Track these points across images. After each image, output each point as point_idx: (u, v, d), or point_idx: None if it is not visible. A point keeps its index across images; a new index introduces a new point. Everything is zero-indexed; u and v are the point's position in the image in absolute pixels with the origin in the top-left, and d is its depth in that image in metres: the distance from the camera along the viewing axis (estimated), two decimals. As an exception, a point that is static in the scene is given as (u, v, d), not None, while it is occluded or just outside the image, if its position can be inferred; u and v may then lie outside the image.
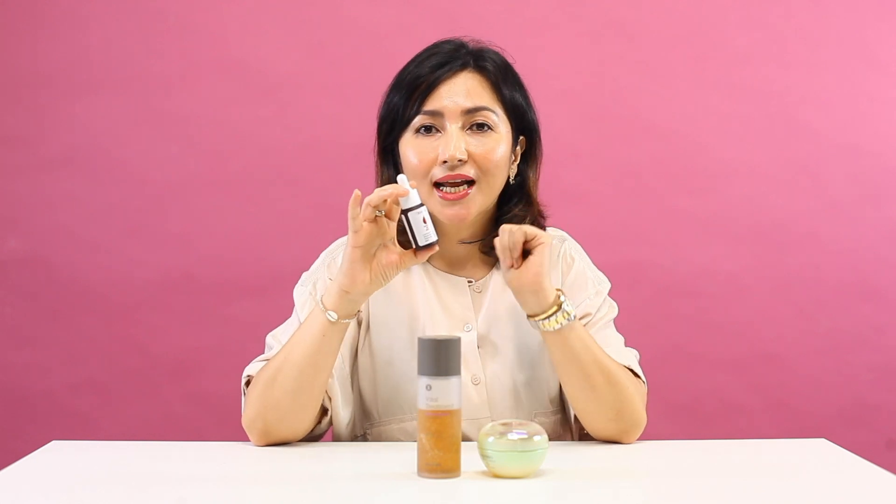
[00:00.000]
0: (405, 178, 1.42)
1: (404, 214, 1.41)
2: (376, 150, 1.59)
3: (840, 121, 2.80)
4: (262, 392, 1.45)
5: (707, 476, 1.35)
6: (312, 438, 1.54)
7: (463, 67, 1.53)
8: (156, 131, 2.74)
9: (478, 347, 1.57)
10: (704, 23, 2.81)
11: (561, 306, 1.44)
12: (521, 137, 1.59)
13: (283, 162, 2.75)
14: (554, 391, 1.60)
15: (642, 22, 2.80)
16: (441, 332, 1.55)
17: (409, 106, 1.52)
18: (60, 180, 2.73)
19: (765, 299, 2.79)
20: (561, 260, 1.61)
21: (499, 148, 1.52)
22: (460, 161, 1.49)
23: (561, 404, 1.61)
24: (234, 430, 1.53)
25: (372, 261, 1.42)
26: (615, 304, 1.62)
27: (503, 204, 1.58)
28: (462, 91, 1.52)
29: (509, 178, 1.56)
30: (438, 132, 1.51)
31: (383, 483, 1.29)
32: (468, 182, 1.50)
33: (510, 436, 1.27)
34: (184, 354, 2.73)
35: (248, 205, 2.75)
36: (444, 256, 1.59)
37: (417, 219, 1.41)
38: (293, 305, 1.58)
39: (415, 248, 1.43)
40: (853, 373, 2.79)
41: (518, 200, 1.58)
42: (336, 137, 2.71)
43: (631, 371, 1.53)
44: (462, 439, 1.30)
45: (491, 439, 1.28)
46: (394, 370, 1.56)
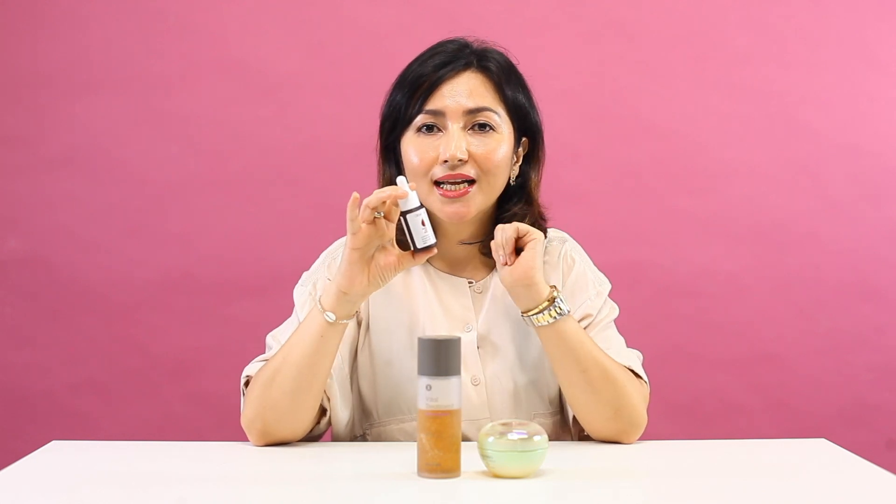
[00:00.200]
0: (404, 180, 1.42)
1: (403, 216, 1.41)
2: (378, 149, 1.58)
3: (840, 121, 2.80)
4: (261, 392, 1.45)
5: (707, 476, 1.35)
6: (312, 438, 1.54)
7: (466, 67, 1.53)
8: (156, 131, 2.74)
9: (478, 348, 1.56)
10: (704, 23, 2.81)
11: (553, 301, 1.44)
12: (524, 139, 1.59)
13: (283, 162, 2.75)
14: (554, 392, 1.60)
15: (642, 22, 2.80)
16: (441, 333, 1.55)
17: (412, 105, 1.52)
18: (60, 180, 2.73)
19: (765, 299, 2.79)
20: (561, 261, 1.61)
21: (500, 149, 1.51)
22: (461, 161, 1.48)
23: (560, 406, 1.61)
24: (234, 430, 1.53)
25: (370, 262, 1.42)
26: (616, 305, 1.62)
27: (504, 205, 1.58)
28: (464, 91, 1.51)
29: (510, 180, 1.56)
30: (440, 131, 1.51)
31: (383, 483, 1.29)
32: (469, 181, 1.50)
33: (510, 436, 1.27)
34: (184, 354, 2.73)
35: (248, 205, 2.75)
36: (445, 257, 1.58)
37: (416, 221, 1.41)
38: (293, 305, 1.57)
39: (413, 250, 1.43)
40: (853, 373, 2.79)
41: (518, 201, 1.57)
42: (336, 137, 2.71)
43: (633, 372, 1.53)
44: (462, 440, 1.30)
45: (491, 439, 1.28)
46: (394, 370, 1.56)
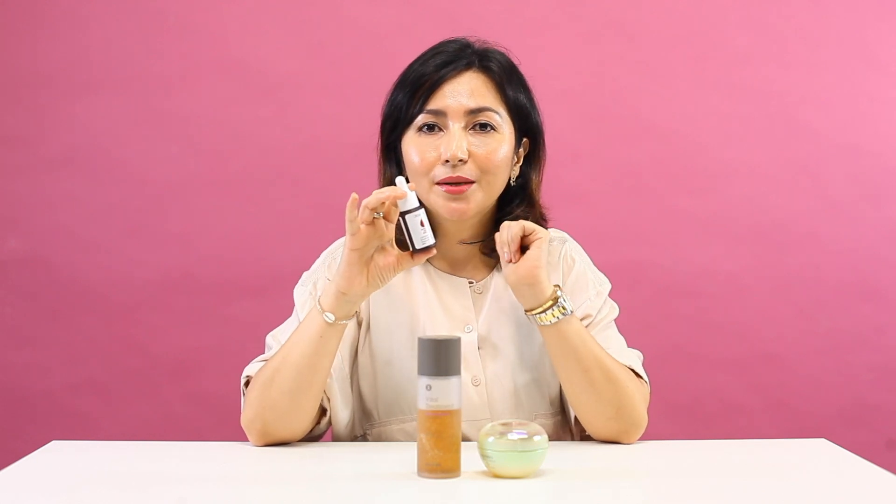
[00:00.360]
0: (403, 181, 1.42)
1: (402, 217, 1.41)
2: (379, 148, 1.58)
3: (840, 121, 2.80)
4: (261, 393, 1.45)
5: (707, 476, 1.35)
6: (312, 439, 1.54)
7: (468, 67, 1.53)
8: (156, 131, 2.74)
9: (478, 348, 1.56)
10: (704, 23, 2.81)
11: (557, 300, 1.44)
12: (525, 140, 1.58)
13: (283, 162, 2.75)
14: (554, 393, 1.59)
15: (642, 22, 2.80)
16: (441, 333, 1.55)
17: (413, 104, 1.52)
18: (60, 180, 2.73)
19: (765, 299, 2.79)
20: (562, 261, 1.60)
21: (501, 149, 1.51)
22: (461, 161, 1.48)
23: (561, 406, 1.60)
24: (234, 430, 1.53)
25: (369, 263, 1.42)
26: (616, 305, 1.61)
27: (504, 205, 1.58)
28: (466, 91, 1.51)
29: (510, 180, 1.56)
30: (441, 131, 1.51)
31: (383, 483, 1.29)
32: (469, 183, 1.49)
33: (510, 436, 1.27)
34: (184, 354, 2.73)
35: (248, 205, 2.74)
36: (445, 257, 1.58)
37: (415, 221, 1.41)
38: (293, 305, 1.57)
39: (412, 251, 1.43)
40: (853, 373, 2.79)
41: (520, 202, 1.57)
42: (336, 137, 2.71)
43: (633, 372, 1.53)
44: (462, 440, 1.30)
45: (491, 439, 1.27)
46: (394, 371, 1.56)
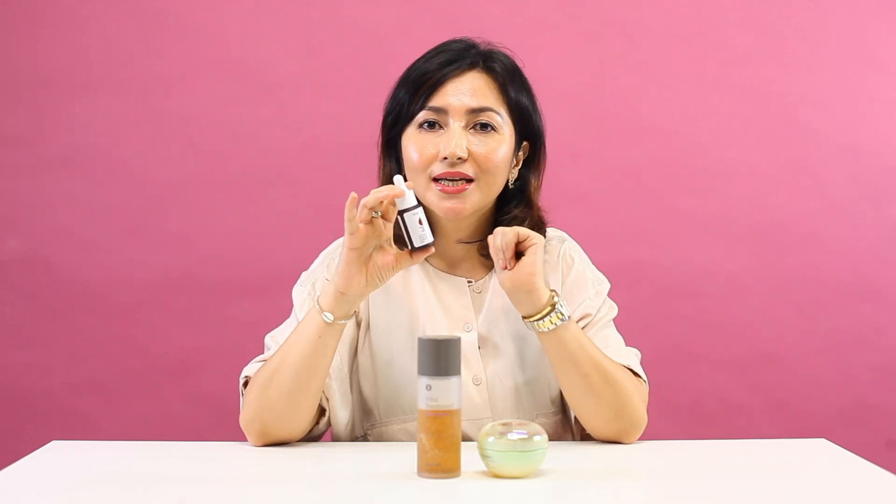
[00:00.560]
0: (401, 179, 1.42)
1: (400, 215, 1.41)
2: (380, 144, 1.58)
3: (840, 121, 2.80)
4: (259, 393, 1.45)
5: (707, 476, 1.35)
6: (311, 439, 1.54)
7: (471, 67, 1.53)
8: (156, 131, 2.74)
9: (479, 348, 1.56)
10: (704, 23, 2.81)
11: (555, 307, 1.44)
12: (525, 143, 1.58)
13: (283, 162, 2.75)
14: (555, 392, 1.59)
15: (642, 22, 2.80)
16: (441, 333, 1.55)
17: (415, 101, 1.52)
18: (60, 180, 2.73)
19: (765, 299, 2.79)
20: (561, 261, 1.60)
21: (500, 149, 1.51)
22: (460, 159, 1.48)
23: (562, 405, 1.60)
24: (234, 430, 1.53)
25: (368, 262, 1.42)
26: (615, 305, 1.61)
27: (502, 207, 1.58)
28: (468, 90, 1.51)
29: (509, 182, 1.56)
30: (441, 129, 1.51)
31: (383, 483, 1.29)
32: (467, 180, 1.50)
33: (510, 436, 1.27)
34: (184, 354, 2.73)
35: (248, 205, 2.75)
36: (444, 256, 1.58)
37: (413, 220, 1.41)
38: (292, 305, 1.57)
39: (410, 249, 1.43)
40: (853, 373, 2.79)
41: (518, 203, 1.57)
42: (336, 137, 2.71)
43: (631, 371, 1.53)
44: (463, 439, 1.30)
45: (491, 439, 1.27)
46: (394, 371, 1.56)
